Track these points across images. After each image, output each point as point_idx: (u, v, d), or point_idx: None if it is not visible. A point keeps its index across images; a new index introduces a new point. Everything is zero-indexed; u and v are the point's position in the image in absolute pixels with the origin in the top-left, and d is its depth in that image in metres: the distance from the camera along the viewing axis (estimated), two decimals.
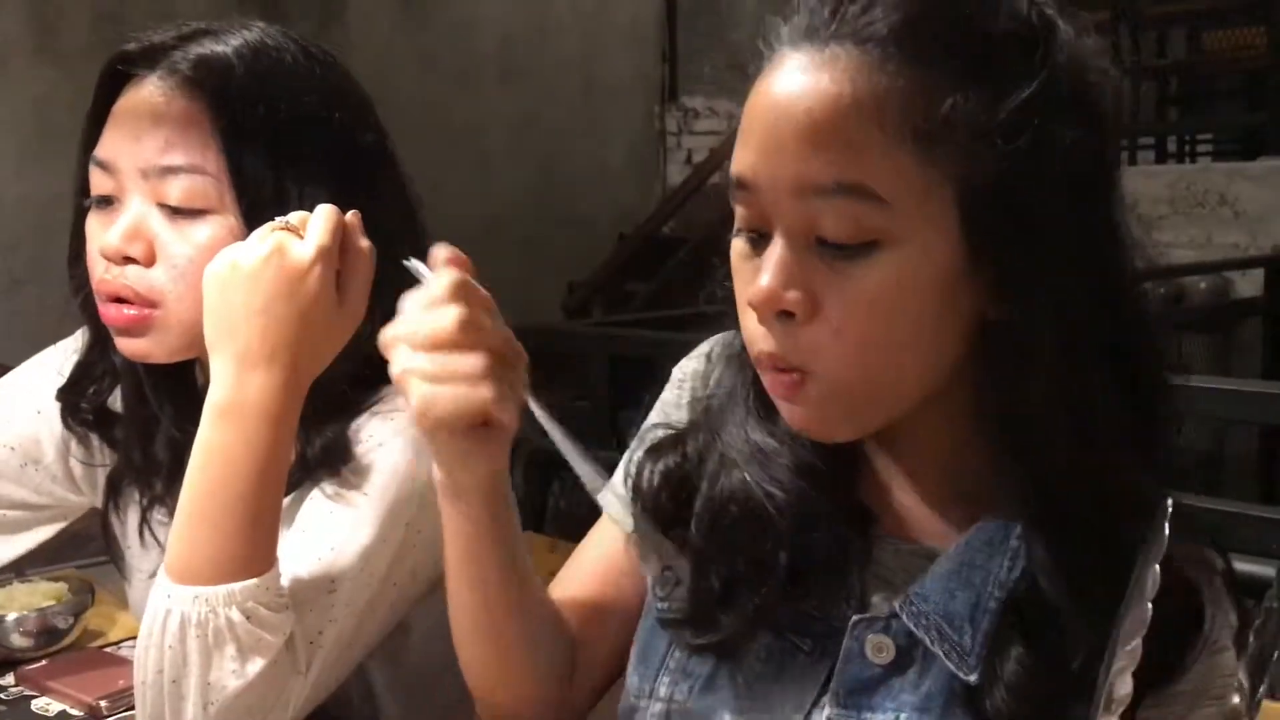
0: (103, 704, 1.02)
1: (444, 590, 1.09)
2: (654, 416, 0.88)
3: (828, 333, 0.66)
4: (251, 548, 0.85)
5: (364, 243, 0.89)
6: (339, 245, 0.87)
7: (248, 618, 0.84)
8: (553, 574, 1.55)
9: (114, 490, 1.13)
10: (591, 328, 2.58)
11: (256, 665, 0.84)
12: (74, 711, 1.03)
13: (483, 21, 5.23)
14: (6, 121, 3.95)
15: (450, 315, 0.68)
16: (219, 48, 0.98)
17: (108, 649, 1.18)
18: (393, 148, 1.05)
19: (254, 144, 0.96)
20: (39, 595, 1.22)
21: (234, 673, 0.84)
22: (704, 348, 0.87)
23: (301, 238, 0.86)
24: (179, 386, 1.07)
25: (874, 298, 0.65)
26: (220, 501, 0.84)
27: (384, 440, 0.97)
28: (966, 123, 0.63)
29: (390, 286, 0.95)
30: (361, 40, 4.72)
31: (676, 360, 0.90)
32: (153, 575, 1.12)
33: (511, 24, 5.30)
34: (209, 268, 0.86)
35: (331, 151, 0.99)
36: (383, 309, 0.93)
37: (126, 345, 0.99)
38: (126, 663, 1.12)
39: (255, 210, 0.96)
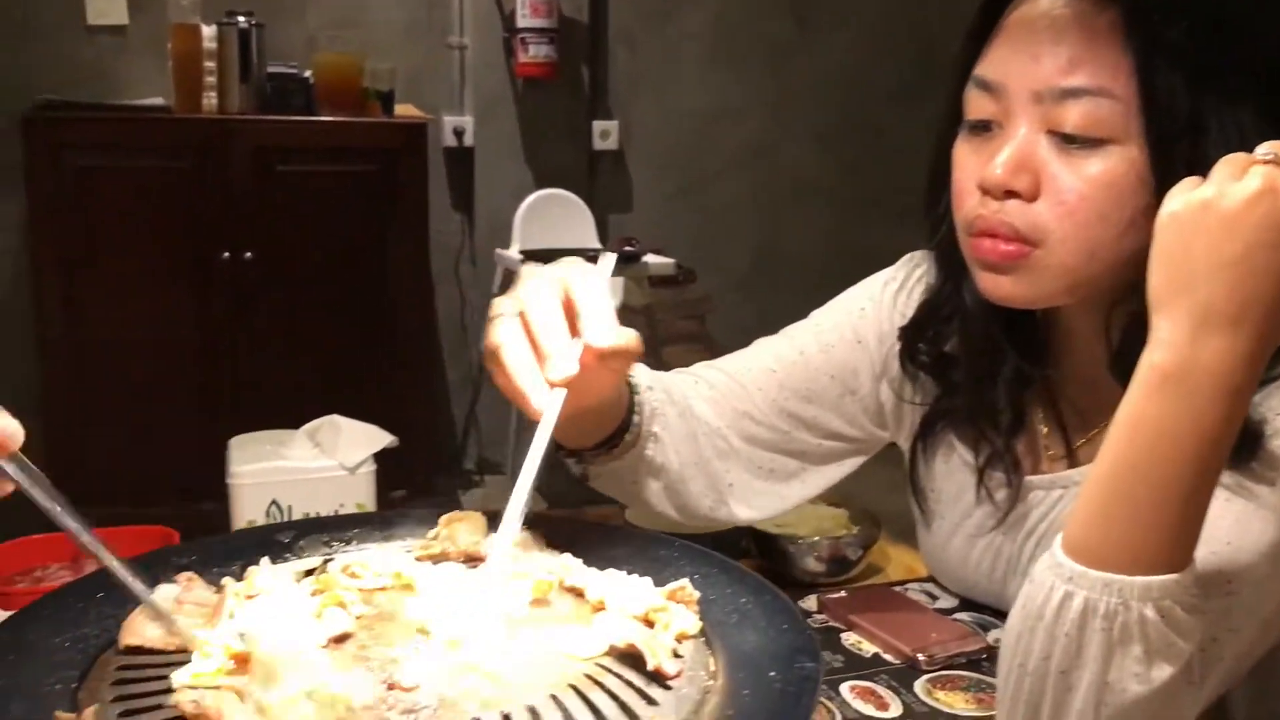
0: (921, 658, 0.97)
1: None
2: None
3: None
4: (1177, 540, 0.73)
5: None
6: None
7: (1162, 617, 0.73)
8: None
9: (927, 430, 1.08)
10: None
11: (1163, 672, 0.73)
12: (887, 656, 1.00)
13: None
14: (694, 34, 4.19)
15: None
16: None
17: (895, 588, 1.14)
18: None
19: (1173, 61, 0.82)
20: (827, 520, 1.22)
21: (1136, 676, 0.73)
22: None
23: None
24: (1030, 332, 0.98)
25: None
26: (1150, 482, 0.73)
27: None
28: None
29: None
30: None
31: None
32: (958, 529, 1.07)
33: None
34: (1167, 206, 0.73)
35: (1255, 66, 0.83)
36: None
37: (992, 284, 0.90)
38: (926, 611, 1.08)
39: (1165, 141, 0.83)
